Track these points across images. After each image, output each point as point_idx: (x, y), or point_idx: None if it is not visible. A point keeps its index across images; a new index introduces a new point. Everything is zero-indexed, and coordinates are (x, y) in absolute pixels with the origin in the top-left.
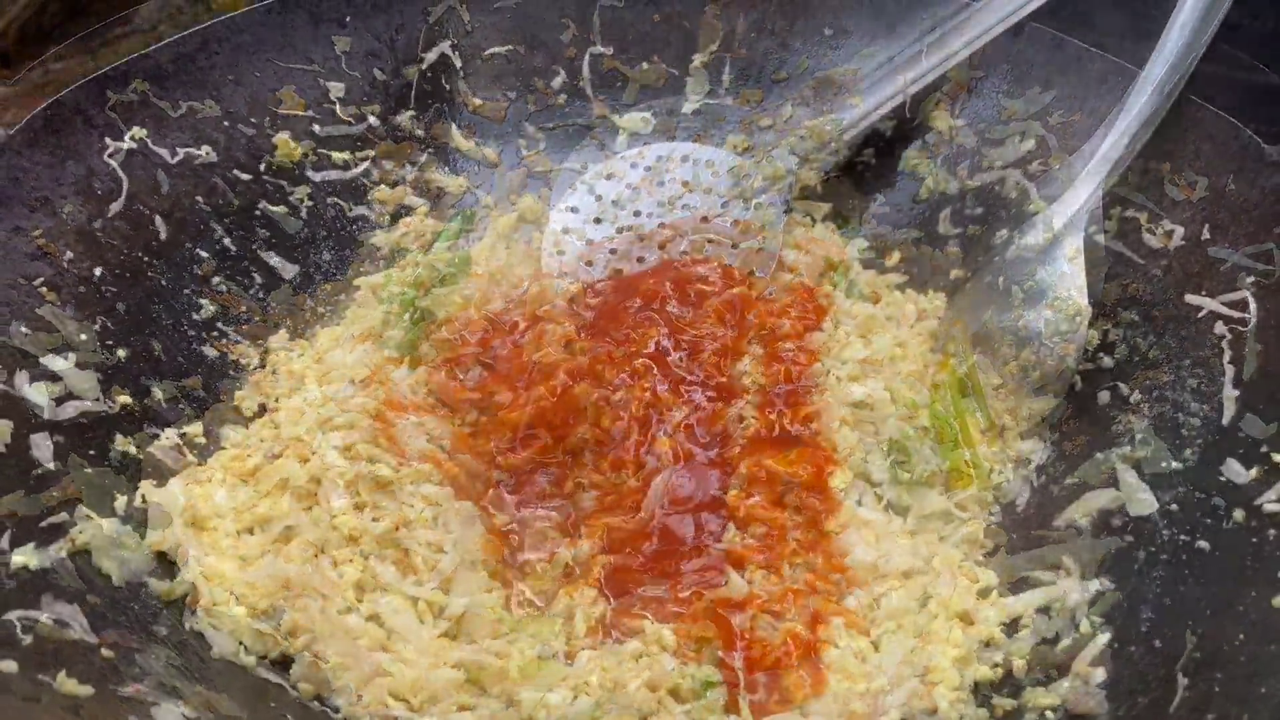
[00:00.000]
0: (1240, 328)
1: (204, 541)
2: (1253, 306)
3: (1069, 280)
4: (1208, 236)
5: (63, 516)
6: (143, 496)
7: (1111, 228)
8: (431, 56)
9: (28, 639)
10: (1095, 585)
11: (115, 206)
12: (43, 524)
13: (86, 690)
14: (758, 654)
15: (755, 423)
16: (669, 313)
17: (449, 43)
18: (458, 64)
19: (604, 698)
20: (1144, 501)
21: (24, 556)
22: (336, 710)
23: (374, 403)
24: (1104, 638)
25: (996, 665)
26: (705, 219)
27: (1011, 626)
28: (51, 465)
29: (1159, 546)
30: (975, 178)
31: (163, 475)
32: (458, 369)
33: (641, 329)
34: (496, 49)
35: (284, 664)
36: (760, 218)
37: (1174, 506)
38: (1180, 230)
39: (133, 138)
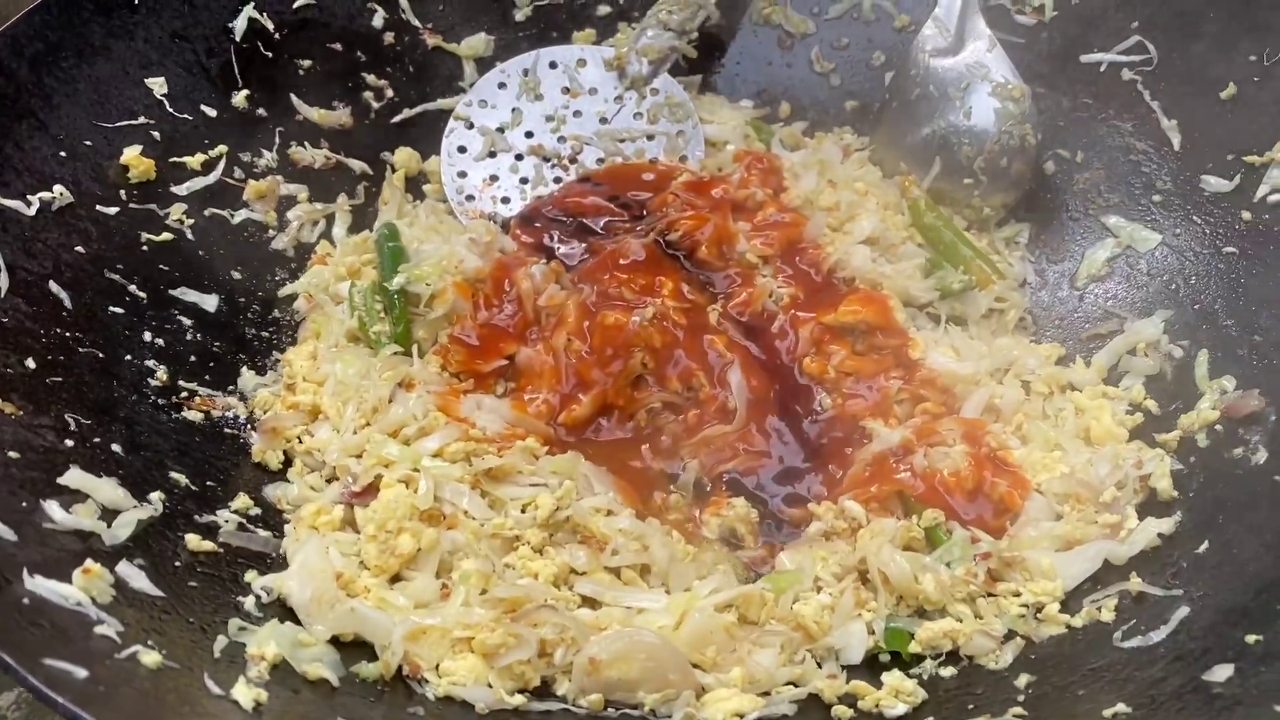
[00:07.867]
0: (1147, 68)
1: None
2: (1151, 48)
3: (998, 67)
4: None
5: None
6: (264, 590)
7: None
8: (240, 24)
9: None
10: (1158, 316)
11: (2, 284)
12: (215, 655)
13: None
14: (952, 484)
15: (787, 291)
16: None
17: (250, 4)
18: (269, 25)
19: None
20: (1147, 237)
21: (239, 692)
22: (636, 707)
23: (435, 397)
24: (1204, 353)
25: (1130, 411)
26: (604, 120)
27: (1109, 378)
28: (159, 591)
29: (1191, 264)
30: (830, 10)
31: (261, 562)
32: (466, 339)
33: (621, 241)
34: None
35: (540, 693)
36: (664, 101)
37: (1177, 230)
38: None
39: None
